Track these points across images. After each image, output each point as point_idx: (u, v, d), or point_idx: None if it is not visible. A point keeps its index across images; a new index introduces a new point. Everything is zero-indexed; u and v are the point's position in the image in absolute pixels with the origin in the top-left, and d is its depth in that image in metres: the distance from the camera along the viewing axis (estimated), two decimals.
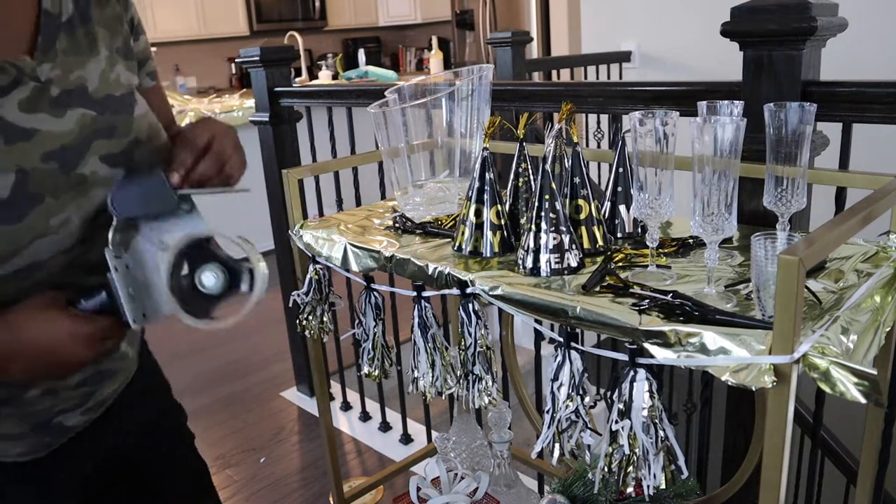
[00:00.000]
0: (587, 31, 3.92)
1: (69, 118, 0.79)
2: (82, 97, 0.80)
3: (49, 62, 0.78)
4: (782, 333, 0.72)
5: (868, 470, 1.21)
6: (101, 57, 0.84)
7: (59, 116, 0.78)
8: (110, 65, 0.85)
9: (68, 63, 0.80)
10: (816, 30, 1.16)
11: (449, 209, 1.29)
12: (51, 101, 0.77)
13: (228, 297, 0.74)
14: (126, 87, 0.87)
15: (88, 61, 0.82)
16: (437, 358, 1.18)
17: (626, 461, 0.84)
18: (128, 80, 0.88)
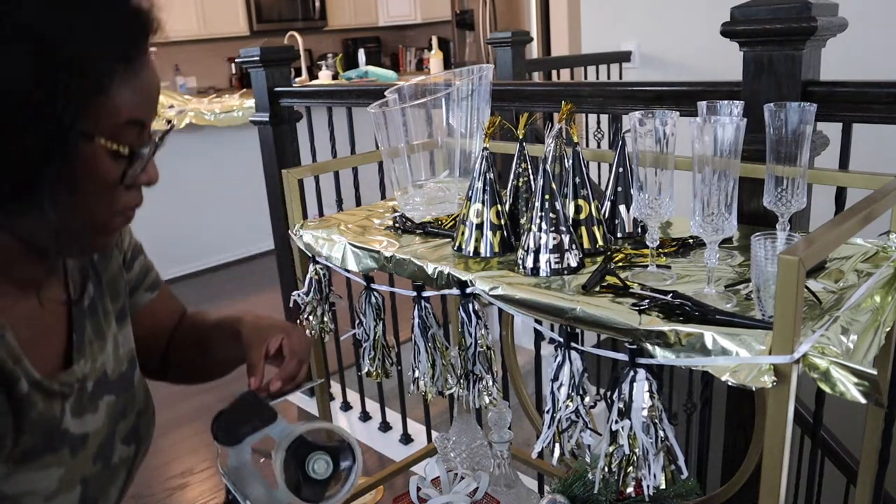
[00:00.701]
0: (587, 31, 3.92)
1: (101, 410, 0.78)
2: (106, 384, 0.80)
3: (83, 357, 0.77)
4: (782, 333, 0.72)
5: (868, 470, 1.21)
6: (110, 334, 0.83)
7: (95, 412, 0.77)
8: (116, 338, 0.84)
9: (94, 352, 0.79)
10: (816, 30, 1.16)
11: (449, 209, 1.29)
12: (88, 397, 0.77)
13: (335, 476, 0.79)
14: (128, 355, 0.86)
15: (106, 344, 0.82)
16: (438, 358, 1.18)
17: (626, 461, 0.84)
18: (127, 344, 0.87)
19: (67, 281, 0.79)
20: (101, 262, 0.85)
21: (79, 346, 0.77)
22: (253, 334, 0.89)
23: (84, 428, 0.75)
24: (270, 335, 0.89)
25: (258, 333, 0.89)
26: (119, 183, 0.68)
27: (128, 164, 0.67)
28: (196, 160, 4.42)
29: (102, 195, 0.68)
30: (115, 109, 0.64)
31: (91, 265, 0.83)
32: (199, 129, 4.38)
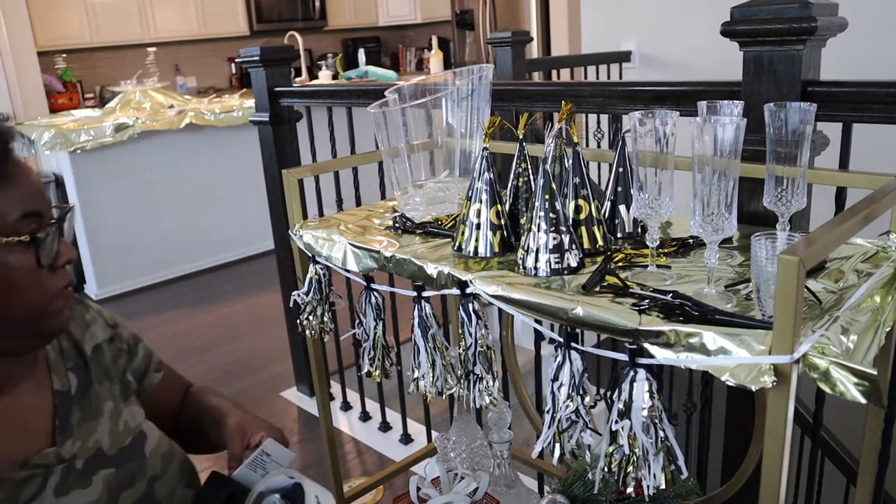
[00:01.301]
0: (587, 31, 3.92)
1: (96, 484, 0.84)
2: (101, 459, 0.87)
3: (69, 439, 0.85)
4: (782, 333, 0.72)
5: (868, 470, 1.21)
6: (106, 415, 0.91)
7: (87, 486, 0.84)
8: (115, 417, 0.92)
9: (83, 433, 0.87)
10: (816, 30, 1.16)
11: (449, 209, 1.29)
12: (77, 474, 0.83)
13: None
14: (134, 430, 0.93)
15: (98, 424, 0.89)
16: (437, 358, 1.18)
17: (626, 461, 0.84)
18: (134, 421, 0.95)
19: (52, 377, 0.87)
20: (92, 356, 0.94)
21: (62, 429, 0.85)
22: (235, 432, 1.00)
23: (73, 502, 0.82)
24: (253, 432, 0.99)
25: (240, 431, 1.00)
26: (37, 267, 0.77)
27: (36, 249, 0.76)
28: (196, 160, 4.42)
29: (28, 284, 0.77)
30: (4, 214, 0.74)
31: (81, 359, 0.93)
32: (199, 129, 4.38)
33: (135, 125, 4.08)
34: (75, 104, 5.64)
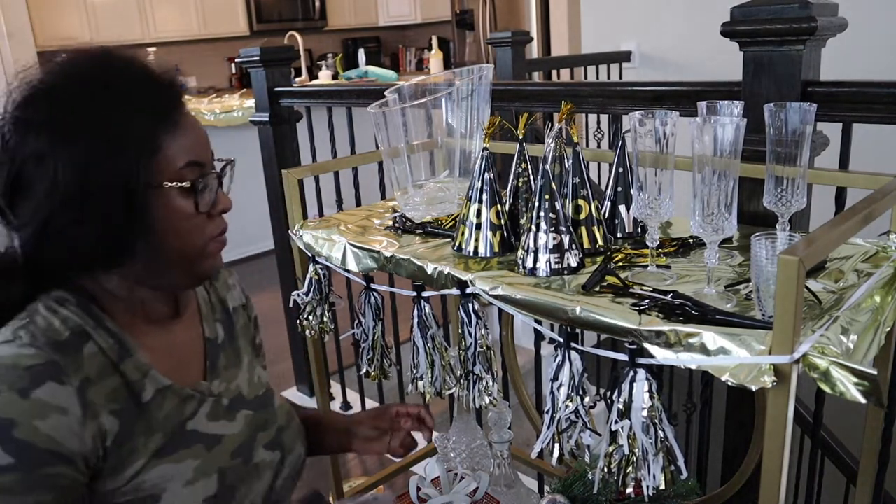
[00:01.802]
0: (587, 31, 3.92)
1: (238, 420, 0.95)
2: (242, 402, 0.97)
3: (217, 379, 0.95)
4: (782, 333, 0.72)
5: (868, 470, 1.21)
6: (244, 366, 1.02)
7: (232, 420, 0.94)
8: (251, 370, 1.03)
9: (228, 377, 0.97)
10: (816, 30, 1.16)
11: (449, 209, 1.29)
12: (224, 409, 0.93)
13: None
14: (265, 386, 1.05)
15: (238, 372, 1.00)
16: (437, 358, 1.18)
17: (625, 461, 0.84)
18: (264, 378, 1.06)
19: (203, 325, 0.98)
20: (234, 314, 1.05)
21: (212, 369, 0.95)
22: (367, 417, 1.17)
23: (219, 430, 0.91)
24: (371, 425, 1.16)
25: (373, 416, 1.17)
26: (196, 213, 0.84)
27: (195, 195, 0.84)
28: None
29: (188, 227, 0.84)
30: (172, 159, 0.81)
31: (226, 314, 1.04)
32: None
33: None
34: None
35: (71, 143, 0.76)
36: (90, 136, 0.77)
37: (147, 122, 0.80)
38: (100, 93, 0.79)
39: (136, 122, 0.79)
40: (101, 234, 0.78)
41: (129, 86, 0.82)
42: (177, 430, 0.86)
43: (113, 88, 0.80)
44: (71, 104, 0.78)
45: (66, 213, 0.76)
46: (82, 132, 0.77)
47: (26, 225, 0.78)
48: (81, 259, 0.80)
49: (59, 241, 0.78)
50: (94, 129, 0.77)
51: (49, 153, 0.76)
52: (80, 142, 0.77)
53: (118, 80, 0.81)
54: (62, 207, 0.76)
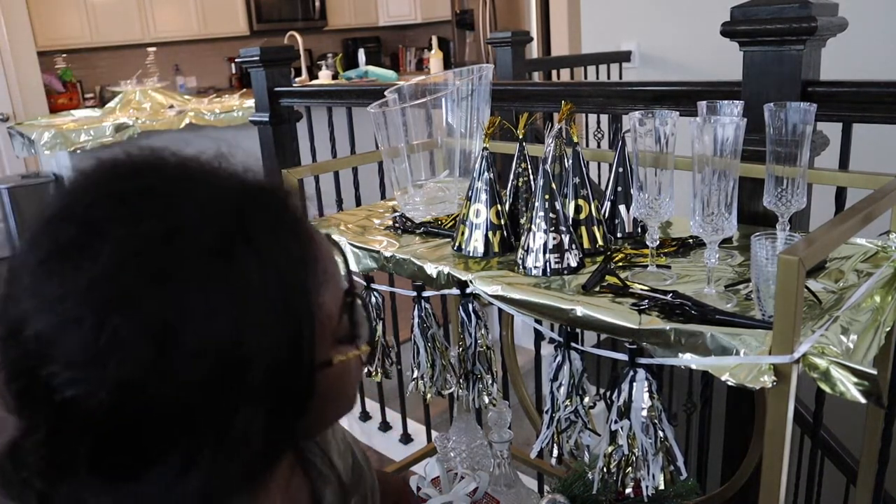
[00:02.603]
0: (587, 31, 3.92)
1: None
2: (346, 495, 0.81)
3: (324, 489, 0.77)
4: (782, 333, 0.72)
5: (868, 470, 1.21)
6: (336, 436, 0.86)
7: None
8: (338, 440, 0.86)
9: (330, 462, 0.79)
10: (816, 30, 1.16)
11: (449, 209, 1.29)
12: None
13: None
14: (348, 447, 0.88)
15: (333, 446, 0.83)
16: (437, 358, 1.18)
17: (625, 461, 0.84)
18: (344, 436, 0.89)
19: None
20: None
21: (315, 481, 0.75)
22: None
23: None
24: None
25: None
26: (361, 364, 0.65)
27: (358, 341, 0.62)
28: None
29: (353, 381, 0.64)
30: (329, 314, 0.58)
31: None
32: (199, 129, 4.37)
33: (135, 125, 4.08)
34: (75, 104, 5.64)
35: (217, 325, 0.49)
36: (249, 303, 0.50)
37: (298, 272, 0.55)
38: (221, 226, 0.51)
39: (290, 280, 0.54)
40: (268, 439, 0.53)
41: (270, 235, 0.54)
42: None
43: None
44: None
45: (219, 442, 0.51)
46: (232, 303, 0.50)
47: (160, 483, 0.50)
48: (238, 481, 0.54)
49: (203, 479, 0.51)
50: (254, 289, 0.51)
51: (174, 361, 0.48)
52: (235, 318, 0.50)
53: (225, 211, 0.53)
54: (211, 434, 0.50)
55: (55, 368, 0.47)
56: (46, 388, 0.47)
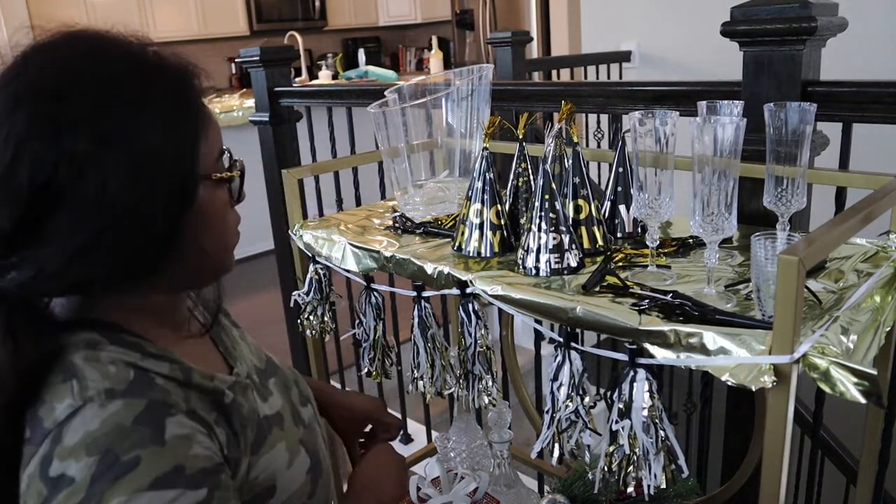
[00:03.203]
0: (587, 31, 3.92)
1: (274, 390, 0.89)
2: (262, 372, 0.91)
3: (236, 361, 0.87)
4: (782, 333, 0.72)
5: (868, 470, 1.21)
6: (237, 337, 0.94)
7: (271, 393, 0.88)
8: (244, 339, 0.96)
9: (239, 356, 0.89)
10: (816, 30, 1.16)
11: (449, 209, 1.29)
12: (260, 387, 0.87)
13: None
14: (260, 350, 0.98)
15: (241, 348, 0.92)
16: (437, 358, 1.18)
17: (626, 461, 0.84)
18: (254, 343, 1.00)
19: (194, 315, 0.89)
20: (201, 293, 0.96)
21: (228, 355, 0.88)
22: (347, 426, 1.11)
23: (273, 408, 0.85)
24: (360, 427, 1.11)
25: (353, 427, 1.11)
26: (230, 205, 0.80)
27: (229, 186, 0.79)
28: None
29: (222, 221, 0.79)
30: (210, 148, 0.75)
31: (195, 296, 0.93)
32: None
33: None
34: None
35: (125, 139, 0.66)
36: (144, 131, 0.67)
37: (190, 110, 0.73)
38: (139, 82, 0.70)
39: (183, 111, 0.72)
40: (154, 239, 0.69)
41: (161, 72, 0.73)
42: (256, 421, 0.80)
43: (149, 76, 0.71)
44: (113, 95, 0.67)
45: (120, 220, 0.66)
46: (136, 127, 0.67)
47: (57, 246, 0.65)
48: (126, 272, 0.70)
49: (102, 255, 0.67)
50: (148, 122, 0.68)
51: (96, 154, 0.65)
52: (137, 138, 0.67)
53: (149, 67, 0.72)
54: (116, 214, 0.66)
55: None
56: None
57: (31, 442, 0.65)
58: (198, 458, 0.66)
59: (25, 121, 0.65)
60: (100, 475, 0.61)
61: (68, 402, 0.65)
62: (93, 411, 0.64)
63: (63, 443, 0.63)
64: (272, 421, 0.83)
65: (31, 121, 0.65)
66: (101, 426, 0.63)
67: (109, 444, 0.62)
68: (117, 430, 0.63)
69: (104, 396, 0.65)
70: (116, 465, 0.62)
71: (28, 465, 0.64)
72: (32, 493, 0.63)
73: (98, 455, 0.62)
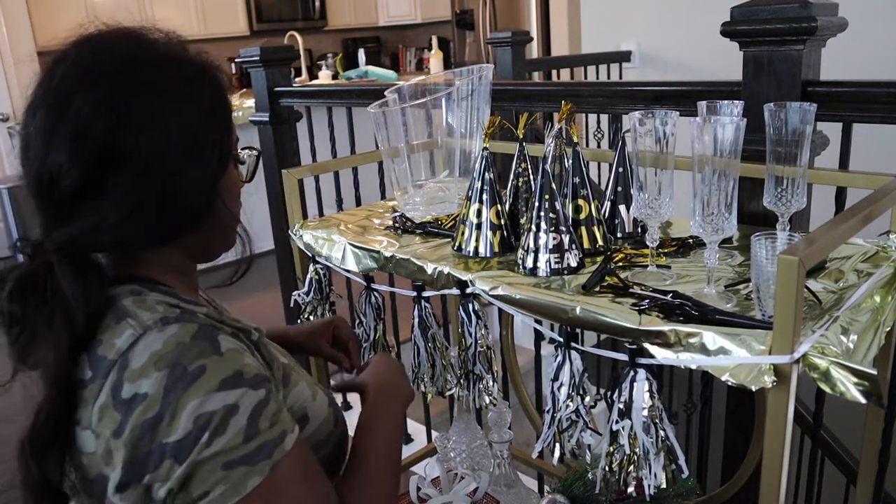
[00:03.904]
0: (587, 31, 3.92)
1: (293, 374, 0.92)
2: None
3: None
4: (782, 333, 0.72)
5: (868, 470, 1.21)
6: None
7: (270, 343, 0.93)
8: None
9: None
10: (816, 30, 1.16)
11: (449, 209, 1.29)
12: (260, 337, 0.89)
13: None
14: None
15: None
16: (437, 358, 1.18)
17: (626, 461, 0.84)
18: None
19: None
20: None
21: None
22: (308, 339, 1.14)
23: (284, 357, 0.92)
24: (321, 332, 1.14)
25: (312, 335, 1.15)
26: (241, 185, 0.89)
27: (245, 167, 0.90)
28: None
29: (238, 195, 0.88)
30: (233, 132, 0.84)
31: None
32: None
33: None
34: None
35: (180, 109, 0.77)
36: (195, 103, 0.78)
37: (223, 95, 0.83)
38: (184, 69, 0.81)
39: (218, 94, 0.82)
40: (195, 201, 0.79)
41: (198, 61, 0.83)
42: (279, 362, 0.85)
43: (189, 64, 0.81)
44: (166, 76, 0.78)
45: (171, 181, 0.76)
46: (187, 100, 0.78)
47: (117, 201, 0.74)
48: (170, 229, 0.79)
49: (153, 212, 0.76)
50: (195, 101, 0.79)
51: (153, 123, 0.74)
52: (188, 108, 0.77)
53: (187, 57, 0.83)
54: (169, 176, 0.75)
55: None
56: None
57: (94, 379, 0.71)
58: (251, 366, 0.74)
59: (98, 93, 0.74)
60: (172, 385, 0.68)
61: (129, 332, 0.71)
62: (153, 336, 0.71)
63: (131, 366, 0.70)
64: (287, 367, 0.88)
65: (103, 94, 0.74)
66: (163, 346, 0.70)
67: (175, 358, 0.70)
68: (179, 346, 0.70)
69: (161, 323, 0.72)
70: (185, 374, 0.69)
71: (97, 399, 0.70)
72: (107, 423, 0.69)
73: (167, 369, 0.69)
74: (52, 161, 0.73)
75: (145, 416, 0.68)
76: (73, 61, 0.76)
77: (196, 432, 0.68)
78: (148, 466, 0.68)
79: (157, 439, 0.68)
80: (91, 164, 0.73)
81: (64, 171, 0.72)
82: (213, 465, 0.68)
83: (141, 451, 0.68)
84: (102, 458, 0.70)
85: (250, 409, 0.70)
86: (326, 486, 0.78)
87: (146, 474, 0.68)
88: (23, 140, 0.76)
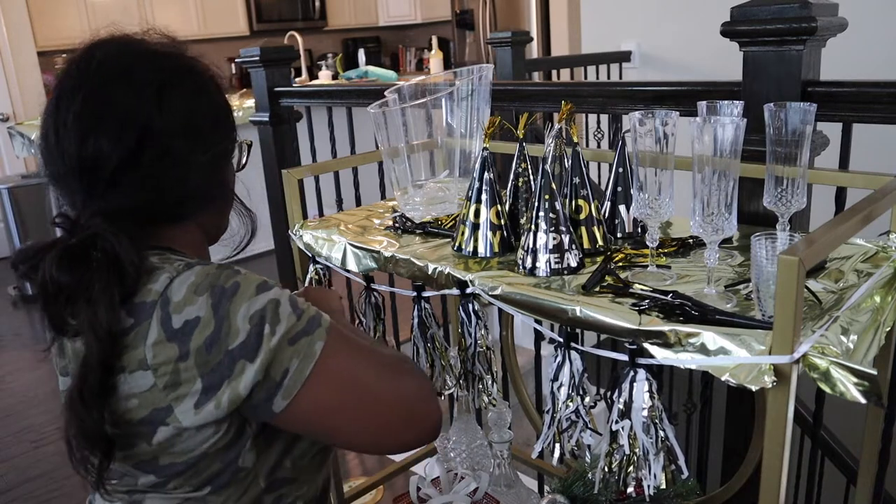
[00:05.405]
0: (587, 31, 3.92)
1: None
2: None
3: None
4: (782, 333, 0.72)
5: (868, 470, 1.21)
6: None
7: None
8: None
9: None
10: (816, 30, 1.16)
11: (449, 209, 1.29)
12: None
13: None
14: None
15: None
16: (437, 358, 1.18)
17: (626, 461, 0.84)
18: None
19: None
20: None
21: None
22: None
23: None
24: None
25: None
26: (237, 171, 0.99)
27: (240, 154, 0.97)
28: None
29: (234, 179, 0.98)
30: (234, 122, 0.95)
31: None
32: None
33: None
34: None
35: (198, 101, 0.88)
36: (207, 96, 0.90)
37: (223, 90, 0.94)
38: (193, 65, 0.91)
39: (221, 89, 0.93)
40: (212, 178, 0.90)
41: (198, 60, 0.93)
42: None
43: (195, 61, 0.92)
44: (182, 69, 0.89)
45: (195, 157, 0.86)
46: (201, 92, 0.89)
47: (151, 174, 0.83)
48: (195, 201, 0.89)
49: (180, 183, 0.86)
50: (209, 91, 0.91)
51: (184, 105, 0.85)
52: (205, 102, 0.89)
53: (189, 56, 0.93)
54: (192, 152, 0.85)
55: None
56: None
57: (138, 323, 0.77)
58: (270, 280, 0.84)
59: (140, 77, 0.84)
60: (217, 303, 0.77)
61: (165, 276, 0.79)
62: (185, 274, 0.79)
63: (173, 301, 0.77)
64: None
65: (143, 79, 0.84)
66: (196, 277, 0.79)
67: (211, 282, 0.79)
68: (210, 275, 0.80)
69: (187, 267, 0.81)
70: (225, 291, 0.78)
71: (146, 339, 0.77)
72: (163, 358, 0.76)
73: (207, 291, 0.78)
74: (94, 142, 0.80)
75: (204, 334, 0.76)
76: (107, 52, 0.87)
77: (255, 330, 0.77)
78: (224, 373, 0.76)
79: (222, 348, 0.76)
80: (131, 144, 0.81)
81: (107, 150, 0.80)
82: (281, 348, 0.78)
83: (212, 363, 0.76)
84: (165, 391, 0.77)
85: (288, 298, 0.81)
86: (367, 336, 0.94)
87: (224, 380, 0.76)
88: (52, 125, 0.83)
